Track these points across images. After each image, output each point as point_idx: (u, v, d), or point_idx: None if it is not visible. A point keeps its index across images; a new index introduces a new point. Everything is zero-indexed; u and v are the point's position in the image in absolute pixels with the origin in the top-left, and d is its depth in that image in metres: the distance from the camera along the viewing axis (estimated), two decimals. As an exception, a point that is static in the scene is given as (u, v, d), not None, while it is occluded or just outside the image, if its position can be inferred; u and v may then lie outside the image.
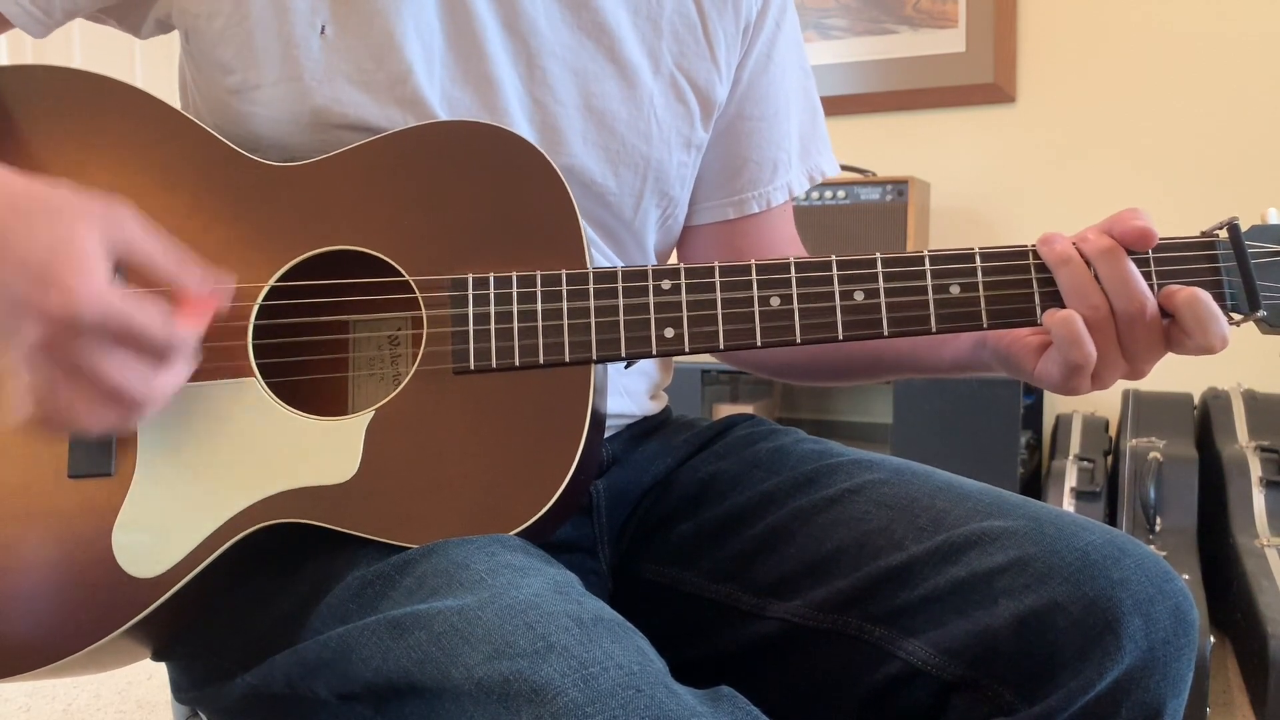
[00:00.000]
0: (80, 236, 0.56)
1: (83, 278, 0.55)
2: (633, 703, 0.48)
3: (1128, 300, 0.65)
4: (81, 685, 1.88)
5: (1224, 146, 2.26)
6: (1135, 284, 0.65)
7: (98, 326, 0.55)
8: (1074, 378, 0.67)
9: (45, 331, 0.55)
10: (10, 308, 0.56)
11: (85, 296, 0.55)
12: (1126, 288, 0.65)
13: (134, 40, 0.80)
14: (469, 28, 0.75)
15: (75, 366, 0.56)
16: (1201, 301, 0.65)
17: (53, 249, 0.56)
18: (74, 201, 0.58)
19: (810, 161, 0.93)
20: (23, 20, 0.72)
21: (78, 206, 0.58)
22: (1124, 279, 0.65)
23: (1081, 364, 0.66)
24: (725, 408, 2.40)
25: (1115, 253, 0.66)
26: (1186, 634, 0.65)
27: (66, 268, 0.55)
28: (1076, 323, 0.65)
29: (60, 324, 0.55)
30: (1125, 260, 0.65)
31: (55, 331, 0.55)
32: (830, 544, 0.74)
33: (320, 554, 0.67)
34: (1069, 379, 0.68)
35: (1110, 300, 0.65)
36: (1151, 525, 1.91)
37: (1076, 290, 0.66)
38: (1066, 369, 0.67)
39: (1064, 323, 0.65)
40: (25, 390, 0.58)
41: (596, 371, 0.68)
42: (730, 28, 0.85)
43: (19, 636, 0.65)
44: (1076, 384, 0.68)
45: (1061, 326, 0.65)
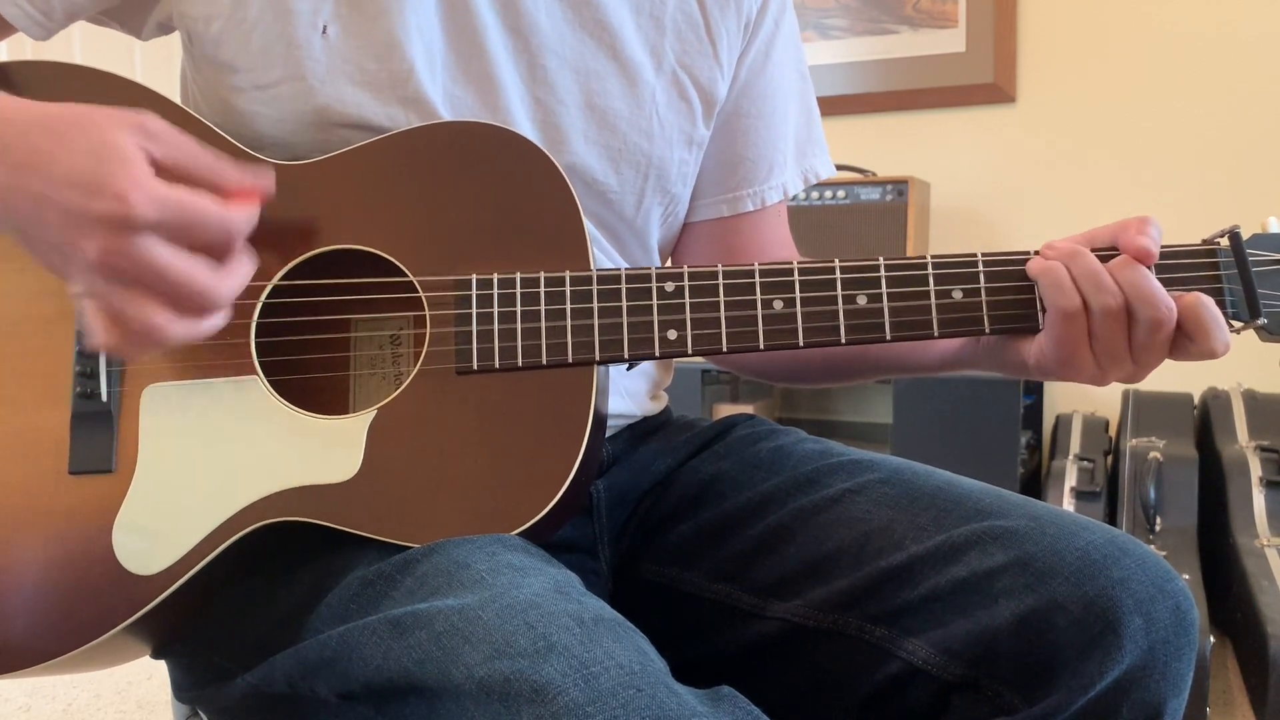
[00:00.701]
0: (117, 141, 0.57)
1: (130, 178, 0.55)
2: (633, 702, 0.48)
3: (1153, 306, 0.65)
4: (81, 685, 1.88)
5: (1224, 147, 2.26)
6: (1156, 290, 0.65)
7: (155, 223, 0.55)
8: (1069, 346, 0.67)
9: (104, 241, 0.55)
10: (65, 224, 0.56)
11: (137, 195, 0.55)
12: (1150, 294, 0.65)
13: (134, 41, 0.80)
14: (470, 27, 0.75)
15: (141, 272, 0.56)
16: (1205, 307, 0.65)
17: (95, 157, 0.56)
18: (102, 112, 0.58)
19: (806, 163, 0.93)
20: (24, 23, 0.72)
21: (106, 116, 0.58)
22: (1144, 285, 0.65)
23: (1071, 310, 0.66)
24: (725, 408, 2.40)
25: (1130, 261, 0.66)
26: (1187, 634, 0.65)
27: (112, 172, 0.55)
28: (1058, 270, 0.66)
29: (118, 228, 0.55)
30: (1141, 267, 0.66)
31: (114, 238, 0.55)
32: (830, 544, 0.74)
33: (321, 553, 0.67)
34: (1063, 346, 0.67)
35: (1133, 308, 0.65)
36: (1151, 525, 1.92)
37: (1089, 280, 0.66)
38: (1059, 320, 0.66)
39: (1047, 271, 0.66)
40: (97, 313, 0.58)
41: (599, 372, 0.68)
42: (732, 25, 0.85)
43: (19, 633, 0.65)
44: (1072, 353, 0.67)
45: (1046, 275, 0.66)
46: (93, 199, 0.55)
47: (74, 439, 0.67)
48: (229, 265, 0.59)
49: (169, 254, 0.56)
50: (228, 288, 0.59)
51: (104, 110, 0.59)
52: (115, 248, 0.55)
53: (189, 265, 0.57)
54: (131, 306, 0.57)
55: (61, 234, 0.56)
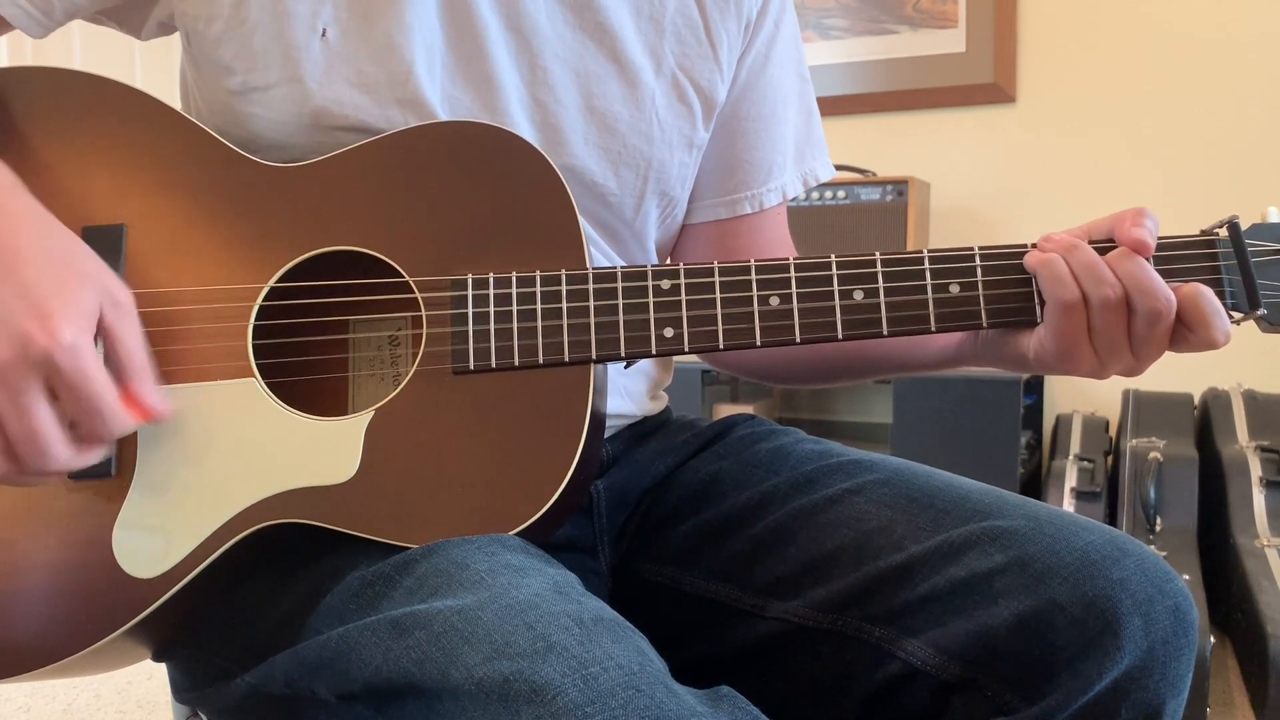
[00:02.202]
0: (85, 294, 0.59)
1: (71, 328, 0.57)
2: (633, 702, 0.48)
3: (1153, 297, 0.65)
4: (81, 685, 1.88)
5: (1224, 146, 2.26)
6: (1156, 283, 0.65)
7: (61, 373, 0.56)
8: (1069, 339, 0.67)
9: (9, 356, 0.56)
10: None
11: (67, 341, 0.56)
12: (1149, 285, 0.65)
13: (134, 41, 0.80)
14: (470, 28, 0.75)
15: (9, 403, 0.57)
16: (1204, 297, 0.65)
17: (57, 291, 0.58)
18: (93, 263, 0.61)
19: (805, 165, 0.93)
20: (22, 21, 0.73)
21: (93, 269, 0.61)
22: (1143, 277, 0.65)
23: (1070, 301, 0.66)
24: (725, 408, 2.40)
25: (1128, 253, 0.66)
26: (1186, 634, 0.65)
27: (62, 312, 0.57)
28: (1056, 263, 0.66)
29: (31, 353, 0.56)
30: (1139, 258, 0.66)
31: (19, 360, 0.56)
32: (830, 544, 0.74)
33: (320, 554, 0.67)
34: (1063, 338, 0.67)
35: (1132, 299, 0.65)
36: (1151, 525, 1.92)
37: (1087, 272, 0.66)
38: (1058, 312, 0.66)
39: (1045, 264, 0.66)
40: None
41: (596, 371, 0.68)
42: (731, 27, 0.85)
43: (20, 637, 0.65)
44: (1072, 346, 0.67)
45: (1044, 267, 0.66)
46: (30, 319, 0.56)
47: None
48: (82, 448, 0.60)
49: (43, 405, 0.57)
50: (62, 461, 0.59)
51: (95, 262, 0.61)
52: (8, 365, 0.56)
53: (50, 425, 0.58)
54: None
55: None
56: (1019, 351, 0.71)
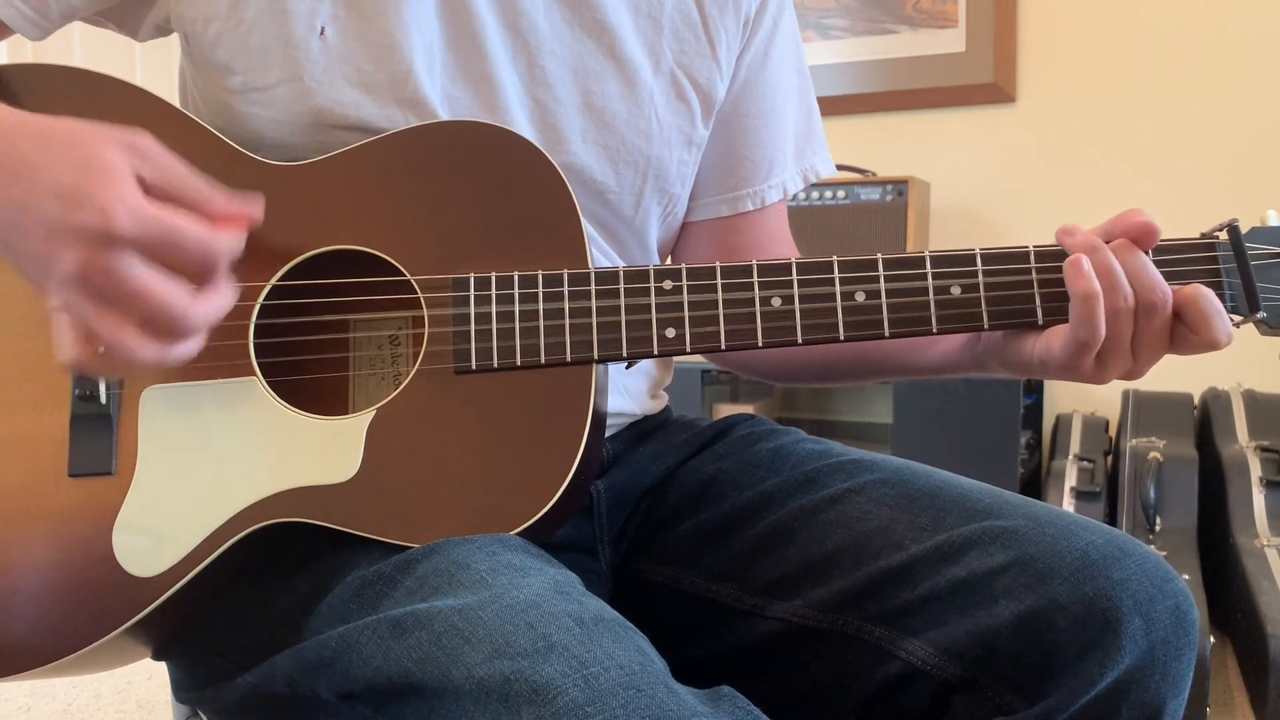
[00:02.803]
0: (107, 156, 0.56)
1: (115, 193, 0.54)
2: (633, 702, 0.48)
3: (1149, 290, 0.65)
4: (81, 685, 1.88)
5: (1224, 146, 2.26)
6: (1153, 275, 0.65)
7: (136, 238, 0.54)
8: (1079, 355, 0.67)
9: (83, 253, 0.54)
10: (47, 233, 0.55)
11: (121, 210, 0.54)
12: (1147, 278, 0.65)
13: (134, 41, 0.80)
14: (469, 27, 0.75)
15: (117, 289, 0.54)
16: (1205, 297, 0.65)
17: (82, 170, 0.55)
18: (94, 127, 0.58)
19: (805, 161, 0.93)
20: (19, 23, 0.72)
21: (98, 131, 0.58)
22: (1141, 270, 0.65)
23: (1089, 342, 0.65)
24: (725, 408, 2.40)
25: (1127, 246, 0.66)
26: (1186, 634, 0.65)
27: (98, 185, 0.54)
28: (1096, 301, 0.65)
29: (98, 241, 0.54)
30: (1139, 252, 0.66)
31: (93, 252, 0.54)
32: (830, 544, 0.74)
33: (321, 554, 0.67)
34: (1073, 356, 0.67)
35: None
36: (1151, 525, 1.92)
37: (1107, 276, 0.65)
38: (1074, 345, 0.66)
39: (1086, 300, 0.65)
40: (67, 327, 0.56)
41: (598, 371, 0.68)
42: (730, 25, 0.85)
43: (19, 635, 0.65)
44: (1079, 363, 0.67)
45: (1081, 303, 0.65)
46: (75, 210, 0.54)
47: (73, 441, 0.67)
48: (207, 291, 0.58)
49: (146, 273, 0.55)
50: (203, 313, 0.57)
51: (98, 126, 0.58)
52: (93, 262, 0.54)
53: (165, 287, 0.55)
54: (104, 324, 0.55)
55: (41, 244, 0.55)
56: (1021, 357, 0.71)
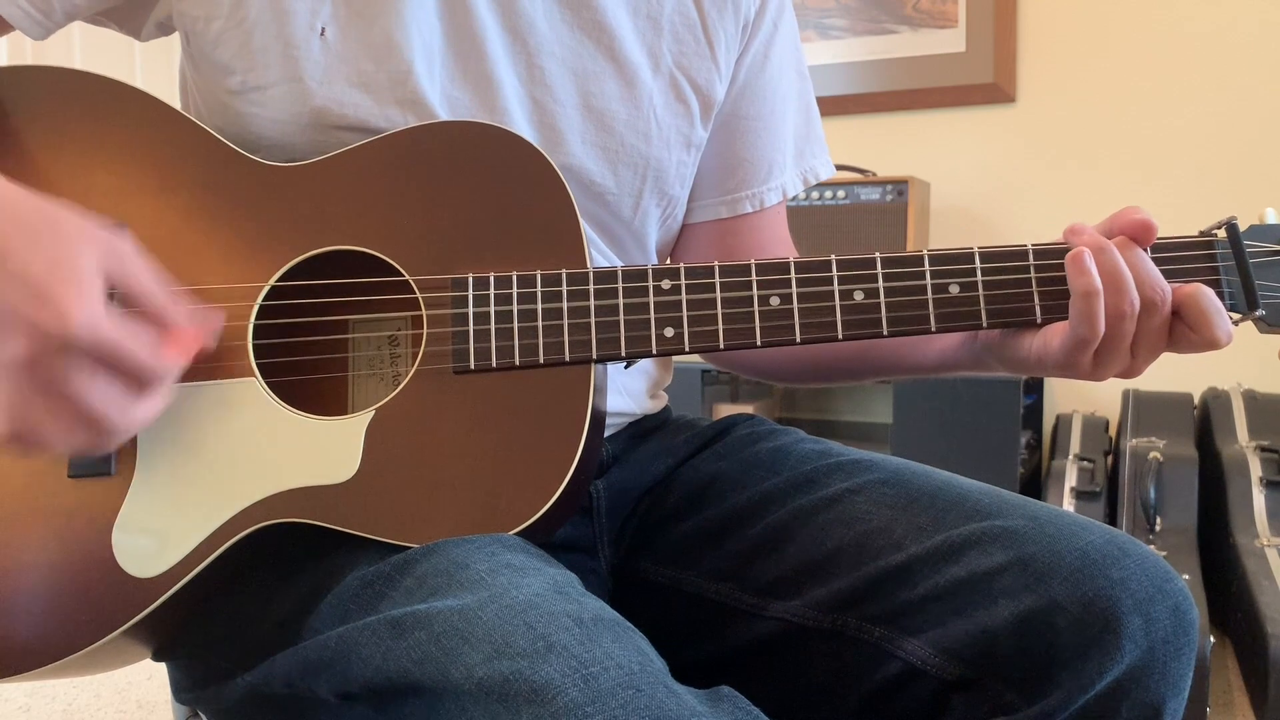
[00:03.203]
0: (81, 258, 0.56)
1: (80, 299, 0.55)
2: (633, 702, 0.48)
3: (1149, 288, 0.65)
4: (81, 685, 1.88)
5: (1223, 146, 2.26)
6: (1153, 273, 0.65)
7: (87, 348, 0.55)
8: (1077, 353, 0.67)
9: (32, 347, 0.54)
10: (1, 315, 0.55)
11: (79, 318, 0.54)
12: (1146, 276, 0.65)
13: (134, 41, 0.80)
14: (468, 28, 0.75)
15: (56, 387, 0.55)
16: (1205, 296, 0.65)
17: (53, 267, 0.55)
18: (77, 224, 0.58)
19: (805, 164, 0.93)
20: (23, 22, 0.72)
21: (81, 229, 0.57)
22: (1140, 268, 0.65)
23: (1089, 339, 0.65)
24: (725, 408, 2.40)
25: (1126, 244, 0.66)
26: (1186, 634, 0.65)
27: (64, 287, 0.55)
28: (1098, 299, 0.65)
29: (50, 341, 0.54)
30: (1138, 250, 0.66)
31: (43, 348, 0.54)
32: (830, 544, 0.74)
33: (320, 554, 0.67)
34: (1072, 352, 0.67)
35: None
36: (1151, 525, 1.92)
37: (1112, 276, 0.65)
38: (1073, 340, 0.66)
39: (1085, 297, 0.65)
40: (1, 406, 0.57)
41: (596, 371, 0.68)
42: (730, 26, 0.85)
43: (19, 636, 0.65)
44: (1078, 360, 0.67)
45: (1082, 301, 0.65)
46: (35, 306, 0.54)
47: None
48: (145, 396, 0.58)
49: (87, 381, 0.55)
50: (135, 420, 0.58)
51: (83, 220, 0.58)
52: (40, 359, 0.55)
53: (103, 396, 0.56)
54: (36, 413, 0.56)
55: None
56: (1019, 354, 0.71)
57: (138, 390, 0.58)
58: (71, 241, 0.56)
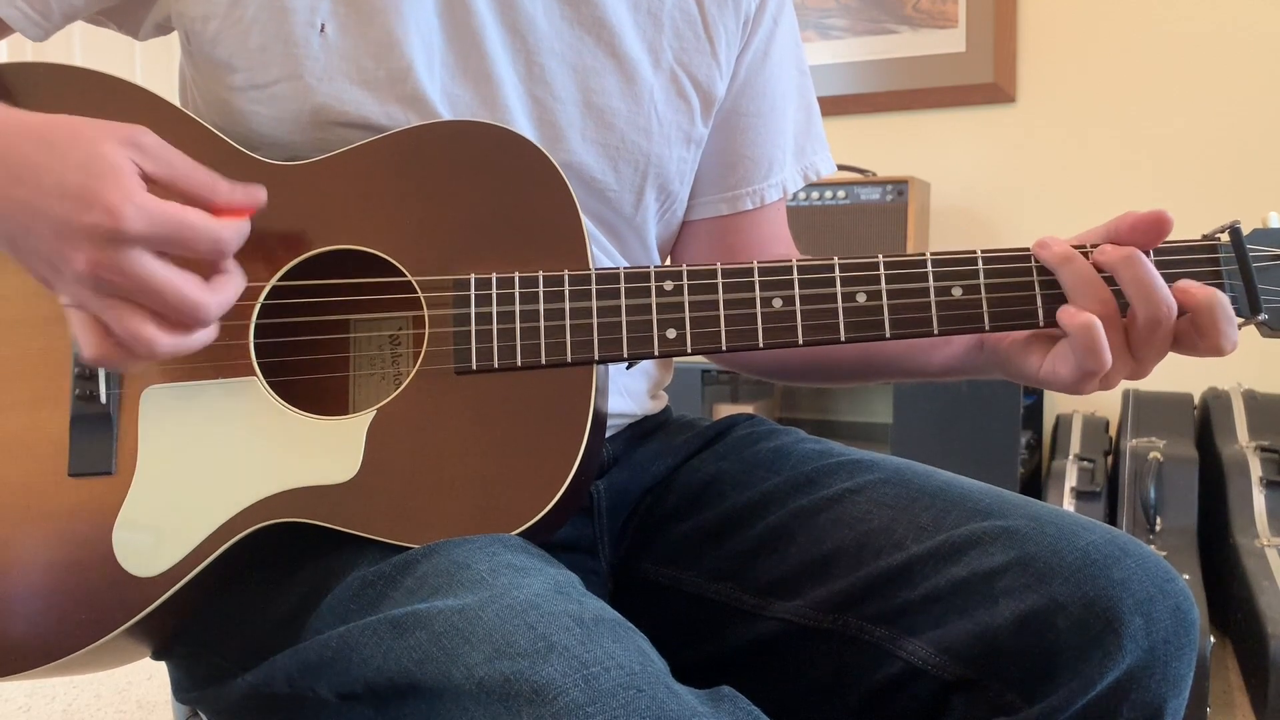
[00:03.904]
0: (109, 154, 0.57)
1: (121, 191, 0.55)
2: (634, 703, 0.48)
3: (1154, 305, 0.64)
4: (81, 685, 1.88)
5: (1224, 146, 2.26)
6: (1159, 288, 0.64)
7: (145, 236, 0.55)
8: (1085, 381, 0.66)
9: (93, 254, 0.55)
10: (54, 235, 0.56)
11: (127, 209, 0.55)
12: (1151, 292, 0.64)
13: (134, 41, 0.80)
14: (468, 25, 0.75)
15: (129, 285, 0.56)
16: (1221, 305, 0.64)
17: (86, 169, 0.56)
18: (96, 124, 0.58)
19: (805, 160, 0.93)
20: (21, 24, 0.72)
21: (99, 127, 0.58)
22: (1147, 283, 0.64)
23: (1097, 371, 0.65)
24: (725, 408, 2.40)
25: (1134, 258, 0.64)
26: (1187, 634, 0.65)
27: (103, 184, 0.55)
28: (1096, 330, 0.64)
29: (108, 240, 0.55)
30: (1146, 264, 0.64)
31: (104, 250, 0.55)
32: (830, 544, 0.74)
33: (321, 554, 0.67)
34: (1080, 382, 0.67)
35: (1133, 305, 0.64)
36: (1151, 525, 1.92)
37: (1082, 288, 0.65)
38: (1080, 373, 0.66)
39: (1084, 329, 0.64)
40: (86, 325, 0.58)
41: (598, 372, 0.68)
42: (730, 23, 0.85)
43: (19, 635, 0.65)
44: (1086, 386, 0.67)
45: (1082, 332, 0.64)
46: (82, 211, 0.55)
47: (73, 441, 0.67)
48: (217, 280, 0.60)
49: (157, 268, 0.56)
50: (216, 303, 0.59)
51: (98, 123, 0.59)
52: (104, 260, 0.55)
53: (177, 280, 0.57)
54: (119, 319, 0.57)
55: (51, 245, 0.56)
56: (1026, 373, 0.70)
57: (208, 269, 0.59)
58: (95, 141, 0.57)
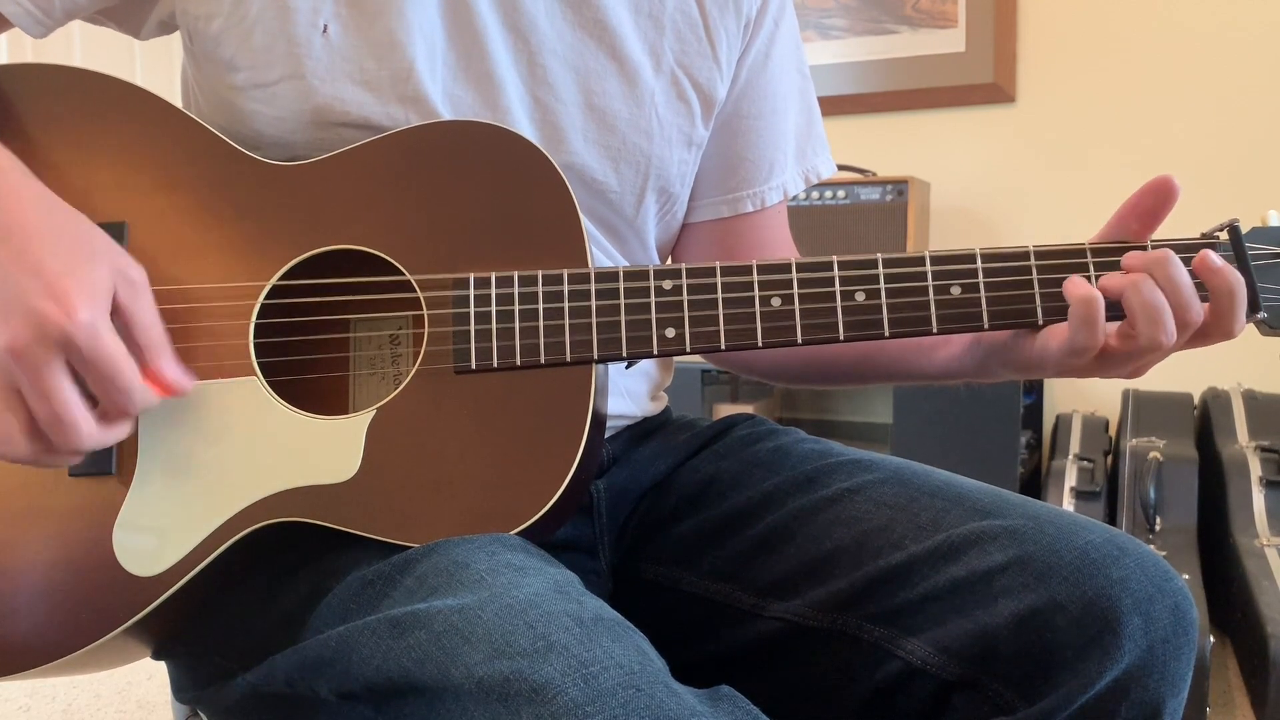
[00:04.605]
0: (98, 272, 0.59)
1: (88, 306, 0.57)
2: (633, 702, 0.48)
3: (1184, 310, 0.64)
4: (81, 685, 1.88)
5: (1224, 147, 2.26)
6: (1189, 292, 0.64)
7: (81, 349, 0.56)
8: (1074, 358, 0.66)
9: (26, 336, 0.56)
10: (6, 300, 0.57)
11: (83, 317, 0.56)
12: (1182, 297, 0.64)
13: (134, 40, 0.80)
14: (470, 26, 0.75)
15: (36, 381, 0.56)
16: (1239, 288, 0.64)
17: (69, 269, 0.57)
18: (103, 240, 0.61)
19: (807, 163, 0.93)
20: (23, 20, 0.72)
21: (106, 246, 0.61)
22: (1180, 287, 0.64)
23: (1087, 347, 0.65)
24: (725, 408, 2.40)
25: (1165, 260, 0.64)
26: (1186, 633, 0.65)
27: (77, 291, 0.57)
28: (1097, 305, 0.64)
29: (48, 333, 0.56)
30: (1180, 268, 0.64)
31: (38, 338, 0.56)
32: (830, 543, 0.74)
33: (321, 553, 0.67)
34: (1067, 357, 0.66)
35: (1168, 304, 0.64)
36: (1151, 525, 1.92)
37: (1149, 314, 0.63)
38: (1070, 348, 0.66)
39: (1085, 302, 0.64)
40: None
41: (598, 371, 0.68)
42: (731, 25, 0.85)
43: (20, 635, 0.65)
44: (1075, 364, 0.67)
45: (1082, 305, 0.64)
46: (44, 298, 0.56)
47: None
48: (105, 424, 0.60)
49: (66, 385, 0.57)
50: (94, 438, 0.59)
51: (105, 240, 0.61)
52: (29, 350, 0.56)
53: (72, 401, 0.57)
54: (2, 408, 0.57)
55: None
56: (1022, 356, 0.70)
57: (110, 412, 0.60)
58: (92, 254, 0.59)
